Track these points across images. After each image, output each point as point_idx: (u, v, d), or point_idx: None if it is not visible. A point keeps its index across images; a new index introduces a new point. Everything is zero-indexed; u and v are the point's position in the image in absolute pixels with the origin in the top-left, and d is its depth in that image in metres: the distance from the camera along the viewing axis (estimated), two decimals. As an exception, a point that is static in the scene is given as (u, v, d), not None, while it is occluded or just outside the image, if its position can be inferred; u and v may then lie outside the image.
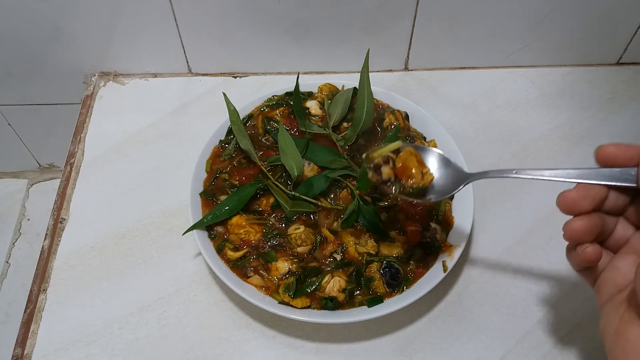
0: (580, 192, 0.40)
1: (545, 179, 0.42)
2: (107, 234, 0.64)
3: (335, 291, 0.54)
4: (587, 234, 0.40)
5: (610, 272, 0.41)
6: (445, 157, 0.51)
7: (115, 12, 0.72)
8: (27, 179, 1.03)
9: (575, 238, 0.40)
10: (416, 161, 0.50)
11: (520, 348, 0.56)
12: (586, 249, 0.40)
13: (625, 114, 0.75)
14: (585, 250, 0.40)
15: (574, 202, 0.39)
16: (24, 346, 0.56)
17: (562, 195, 0.40)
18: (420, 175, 0.49)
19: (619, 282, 0.40)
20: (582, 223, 0.39)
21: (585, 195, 0.39)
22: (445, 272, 0.56)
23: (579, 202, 0.39)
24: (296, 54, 0.78)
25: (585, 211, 0.39)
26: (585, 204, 0.39)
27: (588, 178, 0.40)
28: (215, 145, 0.66)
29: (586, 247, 0.40)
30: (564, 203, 0.40)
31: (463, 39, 0.77)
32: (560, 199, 0.40)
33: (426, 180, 0.49)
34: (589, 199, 0.39)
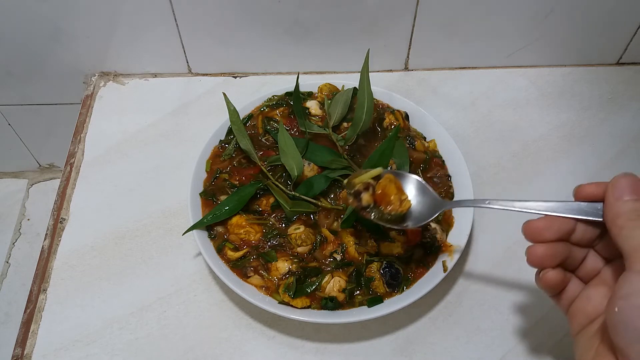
0: (545, 223, 0.41)
1: (515, 210, 0.43)
2: (107, 234, 0.64)
3: (335, 291, 0.54)
4: (548, 260, 0.41)
5: (581, 301, 0.42)
6: (422, 184, 0.53)
7: (115, 12, 0.72)
8: (27, 179, 1.03)
9: (537, 263, 0.42)
10: (395, 188, 0.51)
11: (520, 348, 0.56)
12: (547, 274, 0.41)
13: (625, 114, 0.75)
14: (545, 275, 0.42)
15: (538, 231, 0.41)
16: (24, 346, 0.56)
17: (528, 224, 0.42)
18: (399, 203, 0.51)
19: (590, 312, 0.41)
20: (544, 249, 0.41)
21: (549, 226, 0.41)
22: (445, 272, 0.56)
23: (543, 232, 0.41)
24: (296, 54, 0.78)
25: (549, 240, 0.41)
26: (549, 234, 0.41)
27: (556, 211, 0.41)
28: (215, 145, 0.66)
29: (547, 272, 0.41)
30: (529, 231, 0.42)
31: (463, 39, 0.77)
32: (526, 227, 0.42)
33: (404, 207, 0.51)
34: (553, 230, 0.41)
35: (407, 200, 0.51)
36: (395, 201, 0.50)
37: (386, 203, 0.51)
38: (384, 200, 0.51)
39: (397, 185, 0.51)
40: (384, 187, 0.51)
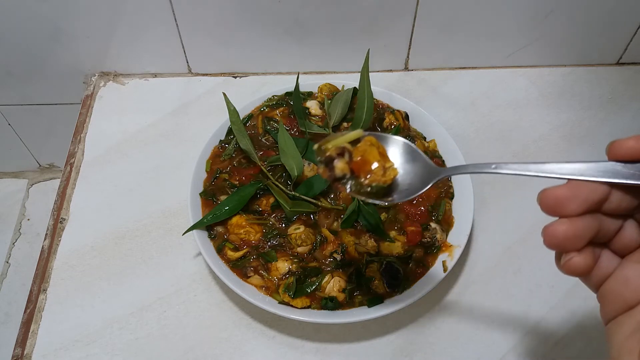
0: (569, 190, 0.31)
1: (529, 175, 0.34)
2: (107, 234, 0.64)
3: (335, 291, 0.54)
4: (572, 241, 0.31)
5: (617, 283, 0.32)
6: (412, 148, 0.43)
7: (115, 12, 0.72)
8: (27, 179, 1.03)
9: (558, 246, 0.32)
10: (378, 153, 0.42)
11: (520, 348, 0.56)
12: (572, 260, 0.32)
13: (625, 114, 0.75)
14: (569, 262, 0.32)
15: (560, 201, 0.31)
16: (24, 346, 0.56)
17: (545, 193, 0.32)
18: (382, 171, 0.41)
19: (629, 298, 0.31)
20: (565, 228, 0.31)
21: (575, 194, 0.31)
22: (445, 272, 0.56)
23: (566, 203, 0.31)
24: (296, 54, 0.78)
25: (573, 214, 0.31)
26: (574, 205, 0.31)
27: (584, 174, 0.32)
28: (215, 145, 0.66)
29: (571, 258, 0.32)
30: (547, 202, 0.32)
31: (463, 39, 0.77)
32: (543, 196, 0.32)
33: (388, 176, 0.41)
34: (580, 199, 0.31)
35: (392, 168, 0.42)
36: (378, 170, 0.41)
37: (366, 172, 0.41)
38: (363, 168, 0.41)
39: (380, 150, 0.42)
40: (363, 153, 0.41)
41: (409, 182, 0.42)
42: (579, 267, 0.32)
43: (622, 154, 0.32)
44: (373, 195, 0.42)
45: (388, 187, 0.42)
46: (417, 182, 0.42)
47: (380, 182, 0.41)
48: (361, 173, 0.41)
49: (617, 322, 0.32)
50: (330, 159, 0.41)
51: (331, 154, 0.41)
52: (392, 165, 0.42)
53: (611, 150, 0.32)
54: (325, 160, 0.41)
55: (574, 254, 0.32)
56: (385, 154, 0.42)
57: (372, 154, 0.41)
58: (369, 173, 0.41)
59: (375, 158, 0.41)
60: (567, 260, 0.32)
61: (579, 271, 0.32)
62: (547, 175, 0.33)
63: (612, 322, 0.32)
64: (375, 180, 0.41)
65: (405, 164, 0.43)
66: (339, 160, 0.41)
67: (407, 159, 0.43)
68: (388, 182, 0.41)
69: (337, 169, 0.41)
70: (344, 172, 0.41)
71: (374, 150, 0.42)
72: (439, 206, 0.61)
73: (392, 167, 0.42)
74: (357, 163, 0.41)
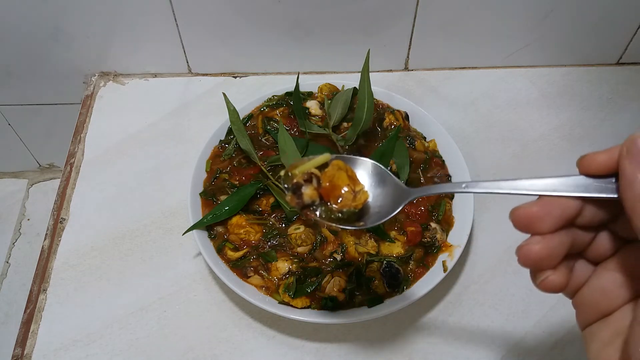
0: (541, 208, 0.30)
1: (501, 193, 0.34)
2: (107, 234, 0.64)
3: (335, 291, 0.54)
4: (546, 260, 0.31)
5: (592, 291, 0.32)
6: (381, 169, 0.42)
7: (115, 12, 0.72)
8: (27, 179, 1.03)
9: (532, 265, 0.32)
10: (347, 177, 0.40)
11: (520, 348, 0.56)
12: (546, 279, 0.32)
13: (625, 114, 0.75)
14: (545, 281, 0.32)
15: (532, 220, 0.30)
16: (24, 346, 0.56)
17: (517, 211, 0.31)
18: (352, 195, 0.40)
19: (605, 307, 0.31)
20: (539, 248, 0.30)
21: (547, 211, 0.30)
22: (445, 272, 0.56)
23: (538, 221, 0.30)
24: (296, 54, 0.78)
25: (547, 231, 0.30)
26: (547, 223, 0.30)
27: (557, 189, 0.31)
28: (215, 145, 0.66)
29: (547, 277, 0.32)
30: (519, 221, 0.31)
31: (463, 39, 0.77)
32: (515, 215, 0.31)
33: (359, 200, 0.40)
34: (553, 216, 0.30)
35: (362, 191, 0.40)
36: (348, 194, 0.39)
37: (336, 197, 0.40)
38: (332, 193, 0.40)
39: (349, 173, 0.40)
40: (331, 178, 0.40)
41: (379, 204, 0.41)
42: (554, 286, 0.32)
43: (594, 168, 0.31)
44: (344, 221, 0.40)
45: (359, 212, 0.40)
46: (388, 204, 0.40)
47: (351, 206, 0.40)
48: (331, 198, 0.40)
49: (594, 330, 0.32)
50: (297, 186, 0.40)
51: (298, 180, 0.40)
52: (362, 188, 0.41)
53: (582, 164, 0.31)
54: (292, 188, 0.40)
55: (549, 272, 0.32)
56: (354, 177, 0.41)
57: (341, 178, 0.40)
58: (339, 198, 0.40)
59: (344, 182, 0.40)
60: (542, 279, 0.32)
61: (555, 289, 0.32)
62: (519, 192, 0.33)
63: (588, 329, 0.32)
64: (346, 205, 0.40)
65: (375, 187, 0.41)
66: (306, 186, 0.40)
67: (376, 181, 0.42)
68: (359, 206, 0.40)
69: (305, 196, 0.39)
70: (313, 199, 0.40)
71: (342, 174, 0.40)
72: (439, 206, 0.61)
73: (362, 190, 0.41)
74: (325, 188, 0.40)
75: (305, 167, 0.40)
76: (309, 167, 0.40)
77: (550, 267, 0.32)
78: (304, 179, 0.40)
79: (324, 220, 0.40)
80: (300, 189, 0.40)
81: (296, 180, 0.40)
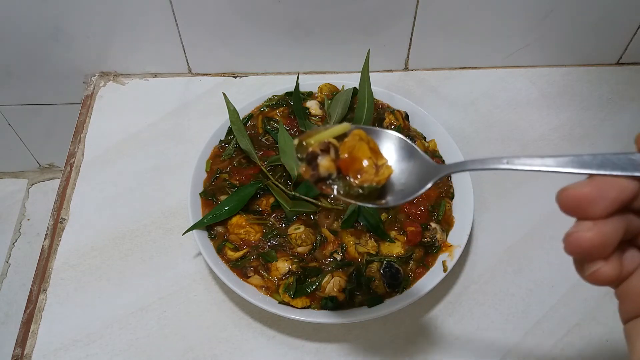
0: (594, 189, 0.27)
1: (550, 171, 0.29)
2: (107, 234, 0.64)
3: (335, 291, 0.54)
4: (599, 249, 0.27)
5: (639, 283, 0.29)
6: (408, 144, 0.38)
7: (115, 12, 0.72)
8: (27, 179, 1.03)
9: (582, 254, 0.28)
10: (368, 149, 0.36)
11: (521, 348, 0.56)
12: (599, 271, 0.28)
13: (625, 114, 0.75)
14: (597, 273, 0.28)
15: (584, 203, 0.27)
16: (24, 346, 0.56)
17: (566, 192, 0.27)
18: (374, 169, 0.36)
19: None
20: (592, 235, 0.27)
21: (601, 193, 0.27)
22: (445, 272, 0.56)
23: (591, 204, 0.27)
24: (296, 54, 0.78)
25: (600, 216, 0.27)
26: (600, 208, 0.27)
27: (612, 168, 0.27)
28: (215, 145, 0.66)
29: (599, 268, 0.28)
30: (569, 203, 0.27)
31: (463, 39, 0.77)
32: (564, 196, 0.27)
33: (382, 176, 0.36)
34: (607, 200, 0.27)
35: (386, 165, 0.36)
36: (369, 168, 0.35)
37: (355, 171, 0.36)
38: (352, 167, 0.36)
39: (372, 145, 0.36)
40: (351, 149, 0.36)
41: (404, 182, 0.37)
42: (606, 278, 0.28)
43: None
44: (364, 198, 0.36)
45: (381, 188, 0.36)
46: (413, 181, 0.36)
47: (373, 182, 0.36)
48: (350, 172, 0.36)
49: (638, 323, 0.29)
50: (313, 156, 0.36)
51: (314, 150, 0.36)
52: (386, 163, 0.37)
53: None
54: (307, 158, 0.36)
55: (601, 263, 0.28)
56: (377, 150, 0.37)
57: (362, 149, 0.36)
58: (359, 172, 0.36)
59: (365, 155, 0.36)
60: (594, 271, 0.28)
61: (607, 282, 0.29)
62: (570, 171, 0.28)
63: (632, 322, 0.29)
64: (367, 180, 0.35)
65: (400, 162, 0.37)
66: (323, 157, 0.35)
67: (402, 156, 0.37)
68: (382, 182, 0.36)
69: (321, 168, 0.35)
70: (330, 172, 0.36)
71: (363, 145, 0.36)
72: (439, 206, 0.61)
73: (385, 164, 0.36)
74: (344, 161, 0.36)
75: (322, 135, 0.36)
76: (326, 136, 0.36)
77: (602, 256, 0.28)
78: (321, 148, 0.36)
79: (341, 196, 0.36)
80: (316, 159, 0.35)
81: (312, 150, 0.35)
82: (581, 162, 0.28)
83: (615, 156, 0.27)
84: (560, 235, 0.27)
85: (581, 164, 0.28)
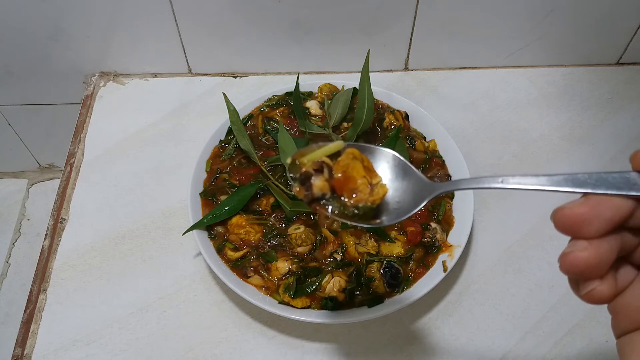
0: (590, 209, 0.27)
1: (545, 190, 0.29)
2: (107, 234, 0.64)
3: (335, 291, 0.54)
4: (594, 269, 0.27)
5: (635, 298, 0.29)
6: (402, 161, 0.37)
7: (115, 12, 0.72)
8: (27, 179, 1.03)
9: (577, 274, 0.28)
10: (362, 168, 0.36)
11: (520, 348, 0.56)
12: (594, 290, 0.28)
13: (625, 114, 0.75)
14: (592, 293, 0.28)
15: (579, 222, 0.27)
16: (24, 346, 0.56)
17: (562, 212, 0.27)
18: (369, 189, 0.35)
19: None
20: (587, 255, 0.27)
21: (596, 214, 0.27)
22: (445, 272, 0.56)
23: (586, 224, 0.27)
24: (296, 54, 0.78)
25: (595, 236, 0.27)
26: (595, 227, 0.27)
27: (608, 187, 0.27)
28: (215, 145, 0.66)
29: (594, 288, 0.28)
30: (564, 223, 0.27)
31: (463, 39, 0.77)
32: (559, 216, 0.28)
33: (377, 195, 0.35)
34: (602, 219, 0.27)
35: (380, 184, 0.36)
36: (364, 187, 0.35)
37: (350, 191, 0.35)
38: (346, 186, 0.35)
39: (366, 164, 0.36)
40: (346, 168, 0.35)
41: (398, 200, 0.36)
42: (602, 298, 0.28)
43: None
44: (359, 218, 0.36)
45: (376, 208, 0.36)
46: (408, 200, 0.36)
47: (368, 202, 0.35)
48: (344, 192, 0.35)
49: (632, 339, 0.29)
50: (306, 176, 0.35)
51: (307, 170, 0.35)
52: (380, 181, 0.36)
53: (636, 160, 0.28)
54: (301, 178, 0.35)
55: (596, 282, 0.28)
56: (371, 168, 0.37)
57: (356, 168, 0.35)
58: (354, 191, 0.35)
59: (359, 174, 0.35)
60: (590, 290, 0.28)
61: (603, 301, 0.29)
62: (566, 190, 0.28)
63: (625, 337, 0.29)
64: (362, 200, 0.35)
65: (394, 180, 0.37)
66: (316, 177, 0.35)
67: (396, 174, 0.37)
68: (377, 202, 0.35)
69: (315, 188, 0.35)
70: (324, 192, 0.35)
71: (357, 164, 0.36)
72: (439, 206, 0.61)
73: (379, 183, 0.36)
74: (338, 180, 0.35)
75: (316, 154, 0.36)
76: (319, 155, 0.36)
77: (597, 276, 0.28)
78: (314, 168, 0.35)
79: (336, 216, 0.35)
80: (309, 180, 0.35)
81: (305, 170, 0.35)
82: (576, 181, 0.28)
83: (610, 175, 0.27)
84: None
85: (576, 182, 0.28)
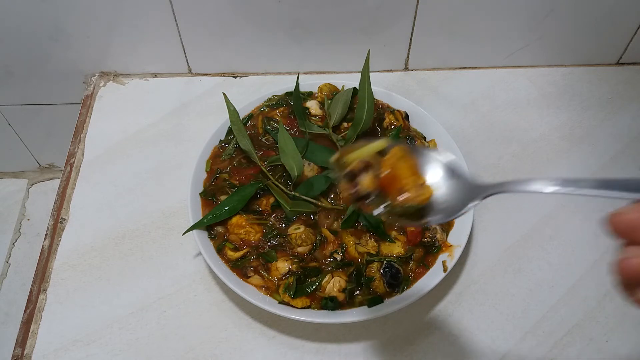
0: None
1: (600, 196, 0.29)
2: (107, 234, 0.64)
3: (335, 291, 0.54)
4: None
5: None
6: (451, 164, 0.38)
7: (115, 12, 0.72)
8: (27, 179, 1.03)
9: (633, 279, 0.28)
10: (408, 168, 0.36)
11: (520, 348, 0.56)
12: None
13: (625, 114, 0.75)
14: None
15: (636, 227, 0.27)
16: (24, 346, 0.56)
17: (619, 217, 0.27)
18: (415, 189, 0.35)
19: None
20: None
21: None
22: (445, 272, 0.56)
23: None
24: (296, 54, 0.78)
25: None
26: None
27: None
28: (215, 145, 0.66)
29: None
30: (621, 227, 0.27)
31: (463, 39, 0.77)
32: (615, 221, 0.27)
33: (423, 196, 0.35)
34: None
35: (426, 185, 0.36)
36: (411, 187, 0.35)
37: (397, 190, 0.35)
38: (393, 185, 0.35)
39: (412, 163, 0.36)
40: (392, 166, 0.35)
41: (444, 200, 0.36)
42: None
43: None
44: (405, 217, 0.36)
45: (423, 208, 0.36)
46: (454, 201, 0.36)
47: (415, 202, 0.35)
48: (391, 191, 0.35)
49: None
50: (352, 174, 0.35)
51: (354, 167, 0.35)
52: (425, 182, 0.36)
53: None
54: (347, 175, 0.36)
55: None
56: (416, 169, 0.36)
57: (403, 167, 0.35)
58: (400, 191, 0.35)
59: (406, 173, 0.35)
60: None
61: None
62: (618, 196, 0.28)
63: None
64: (409, 201, 0.35)
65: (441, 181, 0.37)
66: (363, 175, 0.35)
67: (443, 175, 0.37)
68: (424, 202, 0.35)
69: (362, 185, 0.35)
70: (370, 189, 0.35)
71: (404, 163, 0.35)
72: (439, 206, 0.61)
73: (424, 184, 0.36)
74: (385, 178, 0.35)
75: (362, 152, 0.36)
76: (366, 153, 0.36)
77: None
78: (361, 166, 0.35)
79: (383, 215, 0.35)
80: (356, 177, 0.35)
81: (351, 168, 0.35)
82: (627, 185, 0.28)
83: None
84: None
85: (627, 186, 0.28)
